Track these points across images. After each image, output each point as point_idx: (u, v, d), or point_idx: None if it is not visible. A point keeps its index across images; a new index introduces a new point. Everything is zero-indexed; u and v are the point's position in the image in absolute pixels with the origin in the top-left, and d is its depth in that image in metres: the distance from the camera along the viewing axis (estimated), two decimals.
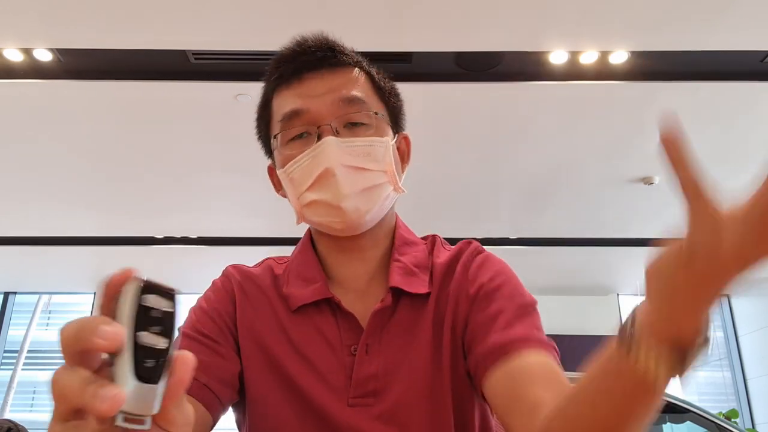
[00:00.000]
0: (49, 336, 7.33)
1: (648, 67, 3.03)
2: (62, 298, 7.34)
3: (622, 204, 4.64)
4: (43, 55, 2.92)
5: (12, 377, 6.79)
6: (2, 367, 6.89)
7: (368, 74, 0.86)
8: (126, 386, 0.35)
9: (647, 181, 4.22)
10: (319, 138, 0.79)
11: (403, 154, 0.91)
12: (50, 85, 3.10)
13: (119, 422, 0.36)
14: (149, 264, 5.96)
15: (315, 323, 0.81)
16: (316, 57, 0.83)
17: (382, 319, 0.79)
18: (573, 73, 3.06)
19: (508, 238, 5.26)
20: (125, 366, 0.36)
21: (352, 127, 0.81)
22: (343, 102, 0.80)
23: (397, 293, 0.80)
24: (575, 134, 3.67)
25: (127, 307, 0.37)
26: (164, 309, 0.38)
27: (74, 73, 3.05)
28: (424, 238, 0.92)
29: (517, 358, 0.69)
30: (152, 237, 5.33)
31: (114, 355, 0.36)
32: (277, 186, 0.89)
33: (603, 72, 3.06)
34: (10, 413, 6.53)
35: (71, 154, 3.86)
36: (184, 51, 2.91)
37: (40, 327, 7.23)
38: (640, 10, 2.58)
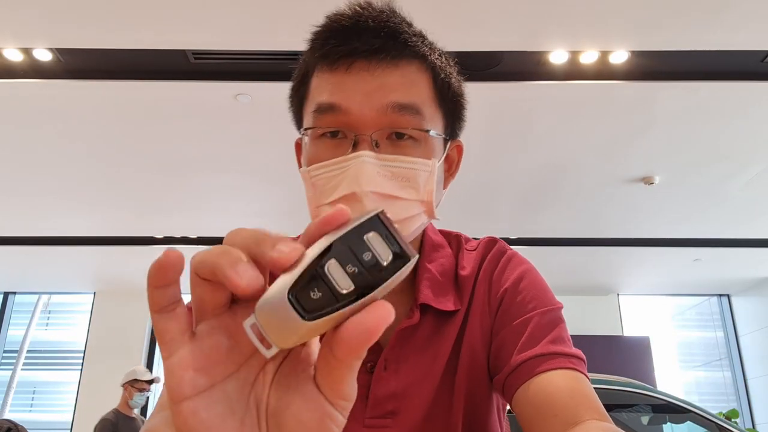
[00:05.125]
0: (49, 336, 7.33)
1: (648, 67, 3.03)
2: (62, 298, 7.35)
3: (622, 204, 4.64)
4: (43, 55, 2.92)
5: (12, 377, 6.80)
6: (2, 367, 6.90)
7: (432, 71, 0.72)
8: (272, 295, 0.30)
9: (647, 181, 4.22)
10: (354, 147, 0.67)
11: (452, 164, 0.79)
12: (50, 85, 3.10)
13: (246, 325, 0.31)
14: (149, 264, 5.95)
15: None
16: (372, 45, 0.68)
17: (405, 335, 0.73)
18: (573, 72, 3.06)
19: (508, 238, 5.25)
20: (286, 277, 0.30)
21: (397, 140, 0.69)
22: (393, 109, 0.67)
23: (424, 308, 0.74)
24: (575, 134, 3.67)
25: (340, 229, 0.32)
26: (379, 258, 0.31)
27: (74, 73, 3.05)
28: (446, 236, 0.84)
29: (540, 380, 0.66)
30: (152, 237, 5.33)
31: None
32: (301, 164, 0.76)
33: (603, 72, 3.06)
34: (9, 413, 6.53)
35: (71, 154, 3.86)
36: (184, 51, 2.91)
37: (40, 327, 7.24)
38: (640, 10, 2.58)
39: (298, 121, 0.77)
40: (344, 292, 0.30)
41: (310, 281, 0.30)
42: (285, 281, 0.30)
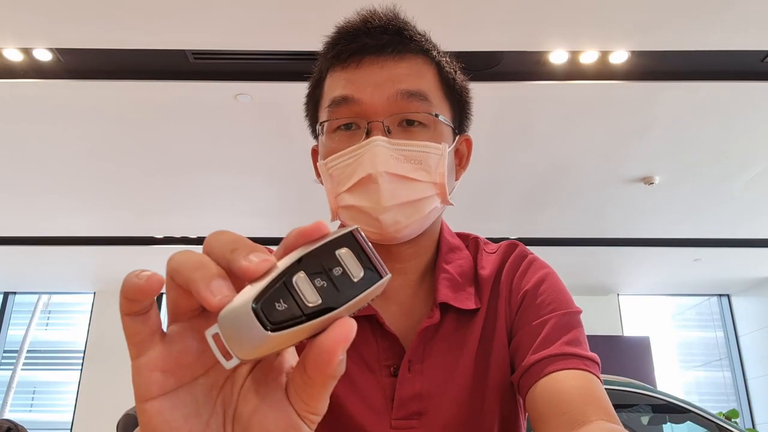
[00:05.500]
0: (49, 336, 7.33)
1: (648, 67, 3.03)
2: (62, 298, 7.35)
3: (622, 204, 4.64)
4: (43, 55, 2.92)
5: (12, 377, 6.80)
6: (2, 367, 6.90)
7: (437, 65, 0.76)
8: (236, 305, 0.29)
9: (647, 181, 4.22)
10: (368, 134, 0.71)
11: (462, 158, 0.82)
12: (50, 85, 3.10)
13: (208, 335, 0.31)
14: (149, 264, 5.96)
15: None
16: (380, 41, 0.73)
17: (427, 335, 0.74)
18: (573, 73, 3.06)
19: (508, 238, 5.23)
20: (253, 287, 0.30)
21: (407, 126, 0.72)
22: (402, 96, 0.71)
23: (445, 308, 0.75)
24: (575, 134, 3.67)
25: (314, 243, 0.31)
26: (350, 274, 0.31)
27: (74, 73, 3.05)
28: (463, 238, 0.86)
29: (551, 379, 0.66)
30: (152, 237, 5.33)
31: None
32: (318, 172, 0.79)
33: (603, 72, 3.06)
34: (9, 413, 6.53)
35: (71, 154, 3.86)
36: (184, 51, 2.90)
37: (40, 327, 7.23)
38: (640, 10, 2.58)
39: (314, 127, 0.80)
40: (310, 305, 0.30)
41: (277, 293, 0.30)
42: (251, 291, 0.30)
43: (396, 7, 0.76)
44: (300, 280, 0.30)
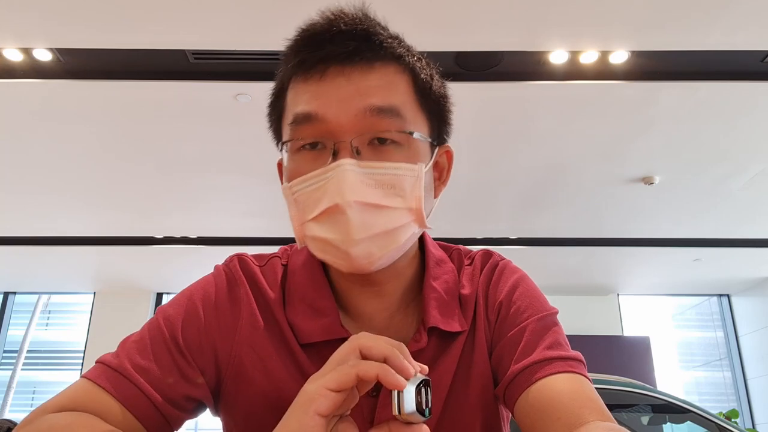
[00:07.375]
0: (49, 336, 7.33)
1: (648, 67, 3.03)
2: (62, 298, 7.35)
3: (622, 204, 4.64)
4: (43, 55, 2.92)
5: (12, 377, 6.80)
6: (2, 367, 6.90)
7: (411, 72, 0.69)
8: (407, 402, 0.53)
9: (647, 181, 4.22)
10: (334, 155, 0.64)
11: (442, 171, 0.75)
12: (50, 85, 3.10)
13: (400, 413, 0.53)
14: (149, 264, 5.97)
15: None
16: (346, 49, 0.65)
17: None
18: (573, 73, 3.06)
19: (507, 238, 5.25)
20: (411, 393, 0.53)
21: (379, 145, 0.65)
22: (372, 113, 0.64)
23: (431, 330, 0.72)
24: (575, 134, 3.67)
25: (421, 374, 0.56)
26: (429, 399, 0.55)
27: (74, 73, 3.05)
28: (446, 249, 0.82)
29: (540, 385, 0.65)
30: (152, 237, 5.33)
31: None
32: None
33: (603, 72, 3.06)
34: (9, 413, 6.54)
35: (71, 155, 3.86)
36: (183, 51, 2.90)
37: (40, 327, 7.24)
38: (640, 10, 2.58)
39: (278, 140, 0.75)
40: (425, 407, 0.54)
41: (420, 392, 0.54)
42: (410, 395, 0.53)
43: (365, 5, 0.69)
44: (425, 390, 0.55)
